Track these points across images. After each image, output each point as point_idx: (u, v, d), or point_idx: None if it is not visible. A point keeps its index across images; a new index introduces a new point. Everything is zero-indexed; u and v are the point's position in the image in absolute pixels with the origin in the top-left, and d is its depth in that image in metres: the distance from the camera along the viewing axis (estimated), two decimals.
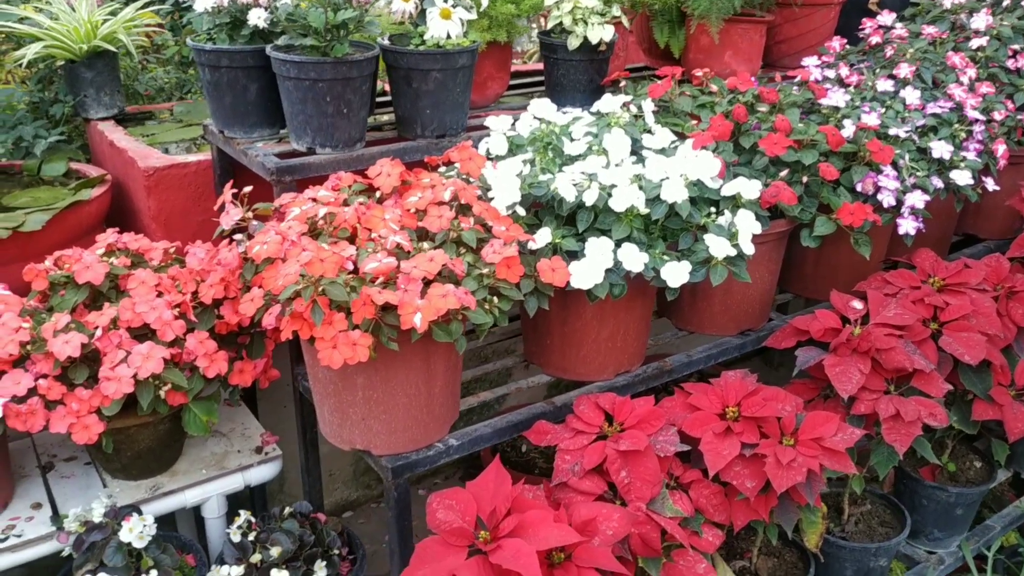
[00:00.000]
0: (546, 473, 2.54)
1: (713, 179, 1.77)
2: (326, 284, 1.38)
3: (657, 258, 1.67)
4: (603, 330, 1.80)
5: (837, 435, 1.55)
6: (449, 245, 1.57)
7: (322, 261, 1.36)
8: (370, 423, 1.60)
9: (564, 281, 1.58)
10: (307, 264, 1.35)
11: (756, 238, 1.80)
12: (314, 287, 1.38)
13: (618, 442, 1.51)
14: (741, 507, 1.55)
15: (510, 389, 1.87)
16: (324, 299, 1.39)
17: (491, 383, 2.41)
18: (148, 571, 1.76)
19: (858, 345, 1.71)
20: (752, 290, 2.00)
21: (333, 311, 1.40)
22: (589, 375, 1.87)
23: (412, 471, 1.64)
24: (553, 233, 1.65)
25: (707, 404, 1.62)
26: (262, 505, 2.14)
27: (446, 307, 1.40)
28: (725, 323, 2.04)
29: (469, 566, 1.30)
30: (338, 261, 1.37)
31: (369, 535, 2.58)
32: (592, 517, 1.37)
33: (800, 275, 2.21)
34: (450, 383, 1.64)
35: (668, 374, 1.94)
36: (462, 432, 1.71)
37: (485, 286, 1.51)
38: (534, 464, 2.63)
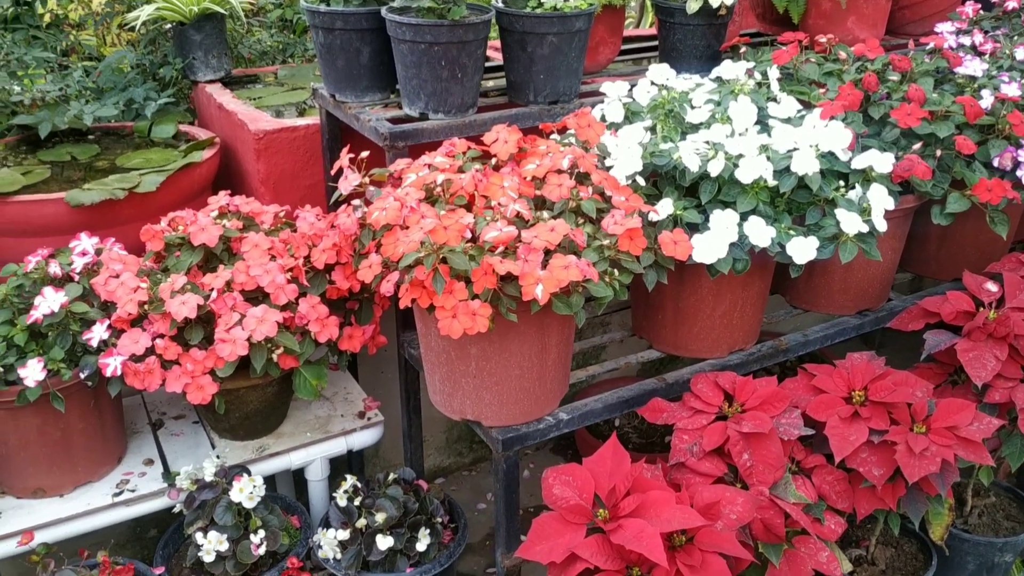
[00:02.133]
0: (640, 450, 2.49)
1: (844, 151, 1.68)
2: (447, 252, 1.35)
3: (783, 233, 1.60)
4: (719, 306, 1.74)
5: (973, 424, 1.47)
6: (568, 215, 1.52)
7: (446, 229, 1.33)
8: (482, 394, 1.58)
9: (686, 255, 1.53)
10: (431, 231, 1.32)
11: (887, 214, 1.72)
12: (436, 255, 1.35)
13: (740, 423, 1.46)
14: (866, 495, 1.49)
15: (619, 364, 1.83)
16: (445, 268, 1.37)
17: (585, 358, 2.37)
18: (256, 531, 1.79)
19: (994, 330, 1.62)
20: (874, 269, 1.91)
21: (454, 280, 1.38)
22: (702, 352, 1.81)
23: (522, 444, 1.62)
24: (675, 204, 1.59)
25: (832, 387, 1.55)
26: (359, 469, 2.15)
27: (568, 279, 1.36)
28: (843, 302, 1.96)
29: (589, 544, 1.27)
30: (461, 229, 1.34)
31: (462, 502, 2.57)
32: (715, 500, 1.32)
33: (923, 254, 2.11)
34: (562, 357, 1.61)
35: (783, 353, 1.88)
36: (571, 406, 1.68)
37: (606, 258, 1.47)
38: (628, 440, 2.58)
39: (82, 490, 1.80)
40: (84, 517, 1.77)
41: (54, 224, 1.95)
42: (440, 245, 1.35)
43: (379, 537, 1.77)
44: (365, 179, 1.59)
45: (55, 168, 2.22)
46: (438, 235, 1.32)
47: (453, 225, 1.34)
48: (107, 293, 1.69)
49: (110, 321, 1.68)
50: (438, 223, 1.33)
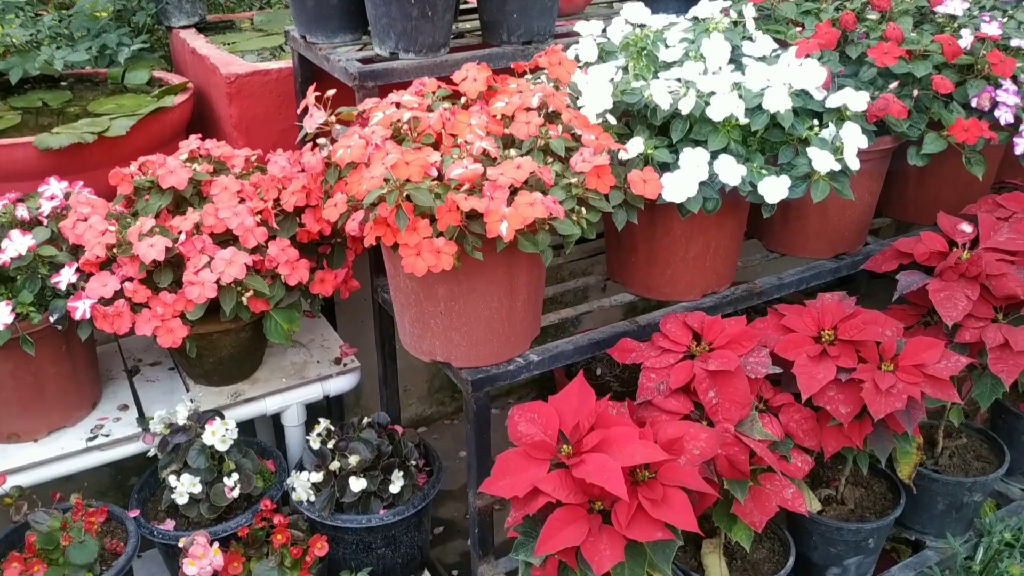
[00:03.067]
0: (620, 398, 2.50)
1: (818, 89, 1.66)
2: (411, 189, 1.34)
3: (755, 172, 1.58)
4: (692, 248, 1.73)
5: (941, 362, 1.47)
6: (536, 153, 1.51)
7: (407, 164, 1.31)
8: (451, 335, 1.57)
9: (656, 193, 1.52)
10: (392, 167, 1.31)
11: (858, 155, 1.70)
12: (399, 192, 1.34)
13: (707, 362, 1.45)
14: (833, 433, 1.49)
15: (592, 307, 1.82)
16: (409, 205, 1.35)
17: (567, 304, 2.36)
18: (230, 474, 1.79)
19: (966, 270, 1.61)
20: (850, 211, 1.90)
21: (418, 217, 1.36)
22: (675, 295, 1.80)
23: (492, 385, 1.62)
24: (645, 143, 1.57)
25: (801, 326, 1.55)
26: (339, 416, 2.16)
27: (533, 216, 1.35)
28: (819, 246, 1.95)
29: (551, 479, 1.27)
30: (424, 165, 1.33)
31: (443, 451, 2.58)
32: (679, 436, 1.32)
33: (901, 197, 2.10)
34: (532, 297, 1.60)
35: (758, 296, 1.87)
36: (543, 348, 1.67)
37: (573, 196, 1.45)
38: (608, 387, 2.59)
39: (56, 435, 1.80)
40: (58, 461, 1.77)
41: (23, 169, 1.92)
42: (403, 182, 1.34)
43: (352, 479, 1.78)
44: (331, 118, 1.57)
45: (27, 114, 2.20)
46: (400, 171, 1.31)
47: (416, 160, 1.32)
48: (75, 236, 1.67)
49: (78, 264, 1.67)
50: (400, 158, 1.32)
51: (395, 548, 1.86)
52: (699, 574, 1.53)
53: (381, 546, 1.84)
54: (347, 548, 1.83)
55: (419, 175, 1.32)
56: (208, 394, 1.96)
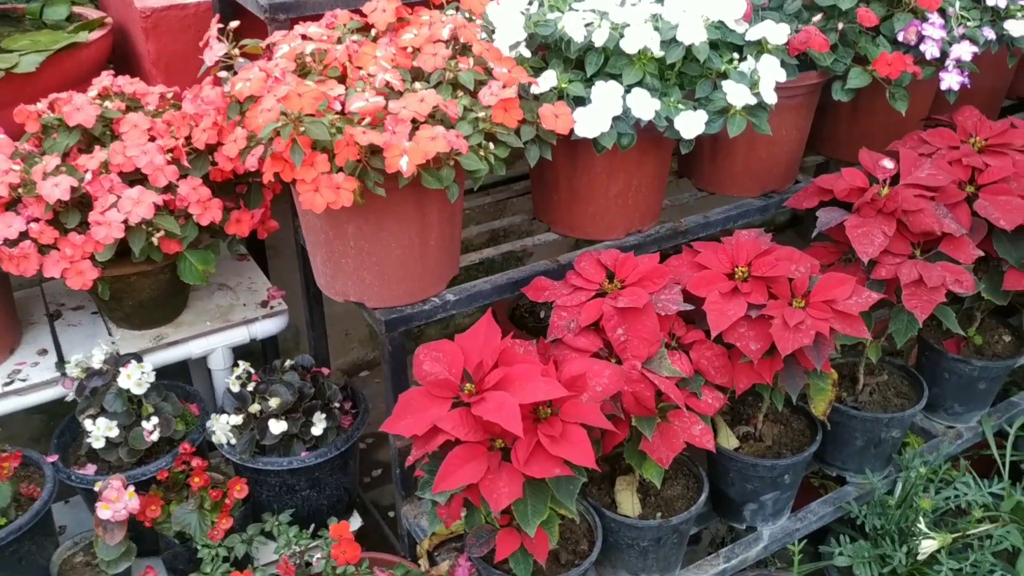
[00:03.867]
0: None
1: (738, 22, 1.63)
2: (308, 122, 1.30)
3: (671, 106, 1.55)
4: (613, 186, 1.71)
5: (852, 298, 1.47)
6: (444, 87, 1.47)
7: (300, 96, 1.27)
8: (362, 274, 1.55)
9: (567, 128, 1.48)
10: (284, 99, 1.27)
11: (783, 92, 1.67)
12: (294, 125, 1.30)
13: (617, 299, 1.44)
14: (744, 370, 1.49)
15: (515, 246, 1.80)
16: (305, 139, 1.31)
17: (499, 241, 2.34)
18: (148, 417, 1.77)
19: (884, 206, 1.60)
20: (777, 148, 1.88)
21: (315, 152, 1.33)
22: (598, 234, 1.78)
23: (407, 325, 1.60)
24: (559, 77, 1.53)
25: (715, 263, 1.53)
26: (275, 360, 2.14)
27: (435, 150, 1.32)
28: (747, 183, 1.93)
29: (451, 417, 1.26)
30: (317, 96, 1.28)
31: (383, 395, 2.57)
32: (581, 373, 1.31)
33: (832, 135, 2.08)
34: (447, 236, 1.57)
35: (683, 235, 1.85)
36: (459, 288, 1.65)
37: (481, 131, 1.42)
38: None
39: None
40: None
41: None
42: (299, 115, 1.30)
43: (272, 421, 1.77)
44: (234, 50, 1.52)
45: None
46: (292, 102, 1.27)
47: (309, 93, 1.28)
48: None
49: None
50: (293, 90, 1.28)
51: (320, 490, 1.85)
52: (612, 510, 1.54)
53: (305, 488, 1.84)
54: (270, 490, 1.83)
55: (312, 107, 1.28)
56: (130, 338, 1.93)
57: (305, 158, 1.31)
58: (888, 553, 1.69)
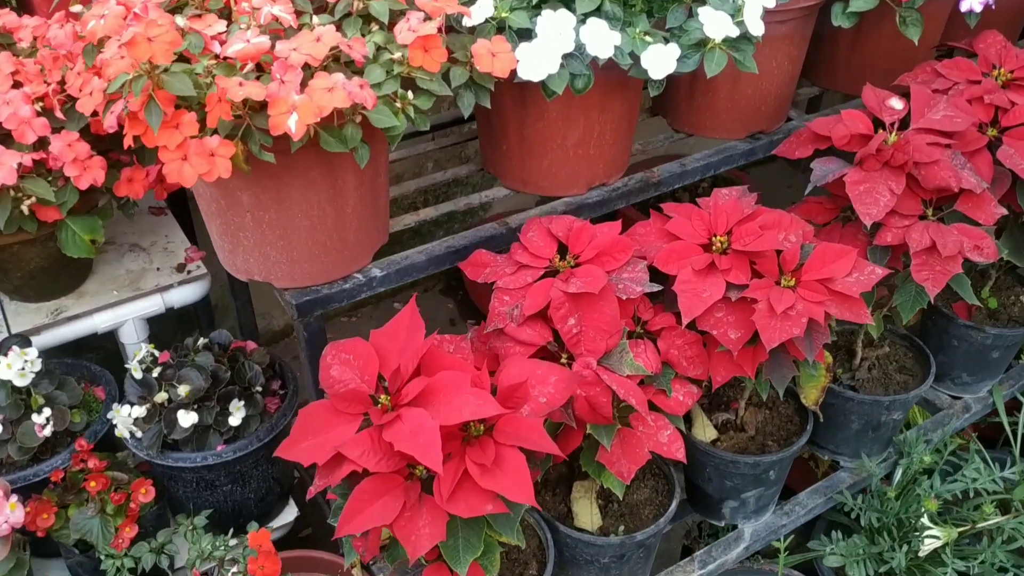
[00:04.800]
0: None
1: None
2: (167, 74, 1.02)
3: (637, 39, 1.27)
4: (571, 133, 1.44)
5: (853, 275, 1.22)
6: (353, 20, 1.18)
7: (150, 40, 0.99)
8: (266, 250, 1.29)
9: (507, 70, 1.21)
10: (130, 44, 0.98)
11: (773, 16, 1.40)
12: (150, 77, 1.02)
13: (568, 281, 1.19)
14: (722, 360, 1.25)
15: (458, 205, 1.54)
16: (167, 94, 1.04)
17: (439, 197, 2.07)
18: (40, 410, 1.54)
19: (891, 157, 1.33)
20: (766, 83, 1.60)
21: (182, 110, 1.05)
22: (555, 189, 1.52)
23: (324, 307, 1.35)
24: (499, 5, 1.25)
25: (689, 232, 1.28)
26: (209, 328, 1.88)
27: (332, 105, 1.05)
28: (731, 124, 1.66)
29: (359, 442, 1.02)
30: (172, 40, 1.00)
31: None
32: (522, 381, 1.07)
33: (831, 64, 1.79)
34: (368, 201, 1.31)
35: (655, 187, 1.59)
36: (388, 260, 1.40)
37: (396, 76, 1.14)
38: None
39: None
40: None
41: None
42: (155, 65, 1.02)
43: (181, 413, 1.53)
44: None
45: None
46: (139, 49, 0.98)
47: (161, 35, 1.00)
48: None
49: None
50: (142, 32, 0.99)
51: (245, 484, 1.63)
52: (568, 522, 1.32)
53: (227, 483, 1.61)
54: (187, 487, 1.60)
55: (165, 54, 0.99)
56: (25, 312, 1.68)
57: (168, 118, 1.03)
58: (886, 550, 1.48)
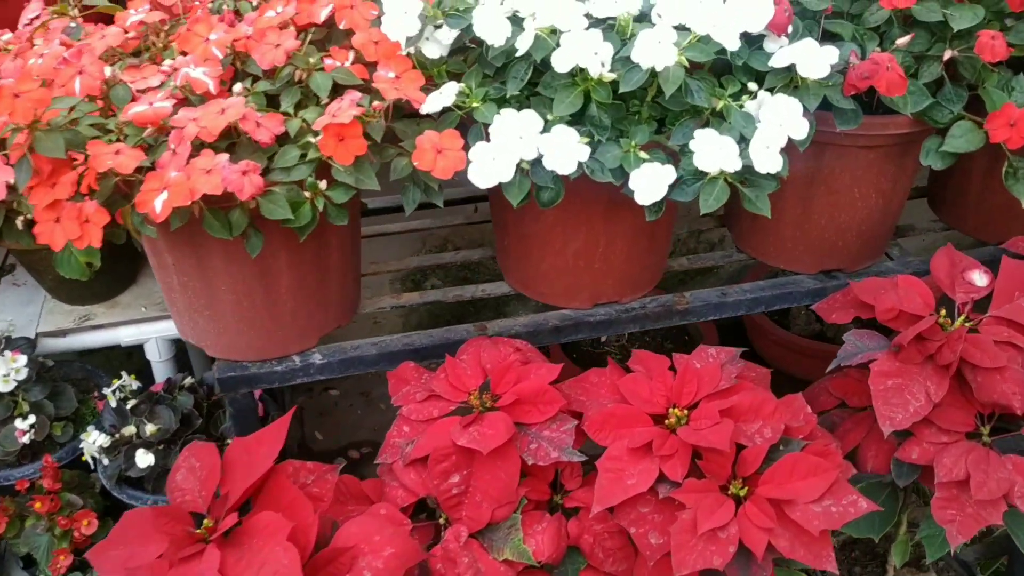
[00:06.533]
0: None
1: (768, 37, 1.08)
2: (40, 132, 0.94)
3: (632, 154, 1.06)
4: (572, 241, 1.24)
5: (823, 502, 0.93)
6: (293, 91, 1.06)
7: (16, 96, 0.91)
8: (194, 317, 1.20)
9: (450, 172, 1.03)
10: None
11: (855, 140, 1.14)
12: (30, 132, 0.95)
13: (467, 429, 1.00)
14: (646, 567, 1.00)
15: (446, 296, 1.37)
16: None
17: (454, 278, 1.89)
18: (25, 416, 1.55)
19: (937, 352, 1.02)
20: (844, 215, 1.31)
21: (64, 168, 0.98)
22: (553, 298, 1.32)
23: (251, 386, 1.24)
24: (470, 92, 1.08)
25: (645, 396, 1.04)
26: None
27: (201, 190, 0.93)
28: (798, 255, 1.38)
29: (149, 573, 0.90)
30: (38, 100, 0.92)
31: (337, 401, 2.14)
32: (350, 545, 0.90)
33: (959, 201, 1.45)
34: (311, 281, 1.18)
35: (680, 315, 1.34)
36: (335, 347, 1.26)
37: (311, 162, 1.01)
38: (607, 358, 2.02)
39: None
40: None
41: None
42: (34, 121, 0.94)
43: (140, 452, 1.48)
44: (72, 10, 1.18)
45: None
46: (3, 103, 0.91)
47: (30, 93, 0.92)
48: None
49: None
50: (10, 86, 0.92)
51: None
52: None
53: None
54: None
55: (26, 114, 0.92)
56: (58, 312, 1.70)
57: (44, 176, 0.96)
58: None
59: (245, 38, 1.08)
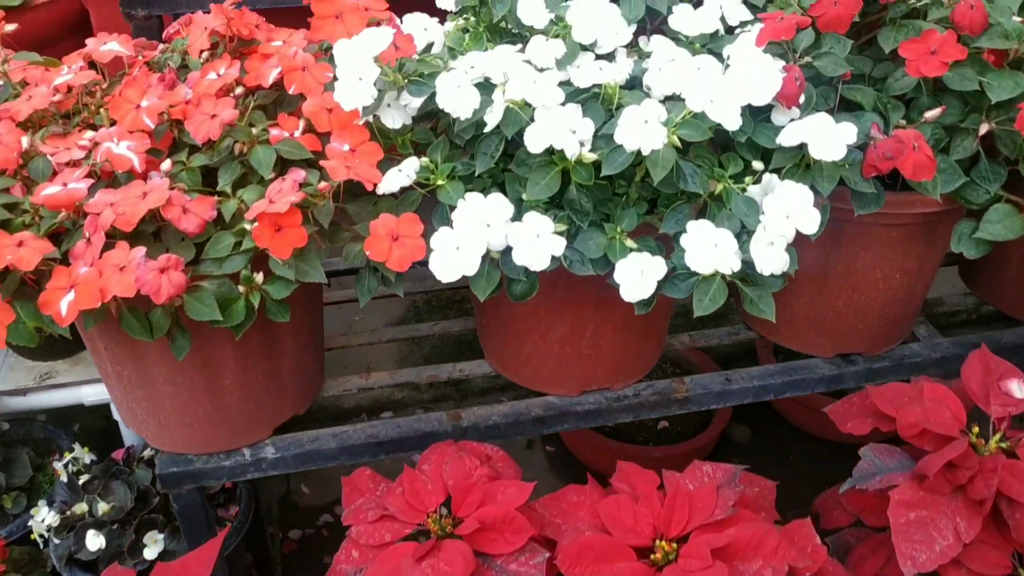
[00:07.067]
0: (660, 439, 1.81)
1: (778, 109, 0.95)
2: None
3: (618, 241, 0.92)
4: (555, 327, 1.10)
5: None
6: (231, 166, 0.93)
7: None
8: (132, 407, 1.08)
9: (408, 263, 0.90)
10: None
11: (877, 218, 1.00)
12: None
13: (420, 562, 0.87)
14: None
15: (420, 376, 1.24)
16: None
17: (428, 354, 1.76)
18: None
19: (970, 484, 0.87)
20: (864, 296, 1.17)
21: None
22: (537, 383, 1.19)
23: (196, 482, 1.12)
24: (439, 167, 0.95)
25: (629, 524, 0.90)
26: None
27: (115, 292, 0.80)
28: (812, 338, 1.23)
29: None
30: None
31: None
32: None
33: (995, 274, 1.31)
34: (261, 371, 1.06)
35: (679, 404, 1.21)
36: (291, 439, 1.14)
37: (246, 253, 0.88)
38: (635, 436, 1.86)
39: None
40: None
41: None
42: None
43: (91, 534, 1.37)
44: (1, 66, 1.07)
45: None
46: None
47: None
48: None
49: None
50: None
51: None
52: None
53: None
54: None
55: None
56: (19, 368, 1.59)
57: None
58: None
59: (184, 103, 0.96)
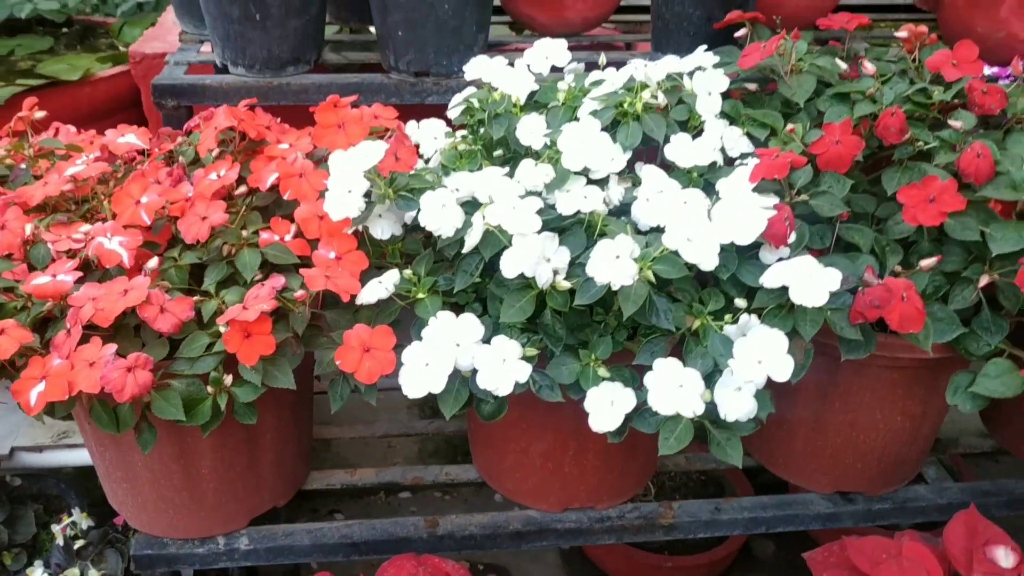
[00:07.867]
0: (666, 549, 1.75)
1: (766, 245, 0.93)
2: None
3: (592, 368, 0.91)
4: (536, 443, 1.09)
5: None
6: (219, 266, 0.96)
7: None
8: (112, 486, 1.10)
9: (377, 376, 0.91)
10: None
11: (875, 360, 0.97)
12: None
13: None
14: None
15: (405, 477, 1.24)
16: None
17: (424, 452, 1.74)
18: None
19: None
20: (864, 436, 1.13)
21: None
22: (519, 496, 1.17)
23: (169, 566, 1.12)
24: (421, 280, 0.96)
25: None
26: None
27: (82, 387, 0.83)
28: (811, 471, 1.19)
29: None
30: None
31: None
32: None
33: (1013, 417, 1.25)
34: (239, 463, 1.07)
35: (664, 531, 1.17)
36: (265, 531, 1.14)
37: (217, 355, 0.90)
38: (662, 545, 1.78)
39: None
40: None
41: None
42: None
43: None
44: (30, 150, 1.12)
45: None
46: None
47: None
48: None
49: None
50: None
51: None
52: None
53: None
54: None
55: None
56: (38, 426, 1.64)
57: None
58: None
59: (184, 200, 0.99)
